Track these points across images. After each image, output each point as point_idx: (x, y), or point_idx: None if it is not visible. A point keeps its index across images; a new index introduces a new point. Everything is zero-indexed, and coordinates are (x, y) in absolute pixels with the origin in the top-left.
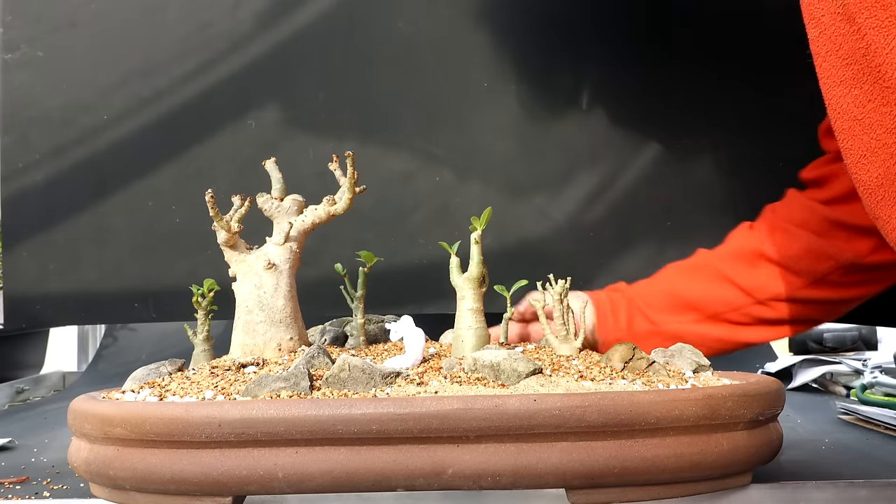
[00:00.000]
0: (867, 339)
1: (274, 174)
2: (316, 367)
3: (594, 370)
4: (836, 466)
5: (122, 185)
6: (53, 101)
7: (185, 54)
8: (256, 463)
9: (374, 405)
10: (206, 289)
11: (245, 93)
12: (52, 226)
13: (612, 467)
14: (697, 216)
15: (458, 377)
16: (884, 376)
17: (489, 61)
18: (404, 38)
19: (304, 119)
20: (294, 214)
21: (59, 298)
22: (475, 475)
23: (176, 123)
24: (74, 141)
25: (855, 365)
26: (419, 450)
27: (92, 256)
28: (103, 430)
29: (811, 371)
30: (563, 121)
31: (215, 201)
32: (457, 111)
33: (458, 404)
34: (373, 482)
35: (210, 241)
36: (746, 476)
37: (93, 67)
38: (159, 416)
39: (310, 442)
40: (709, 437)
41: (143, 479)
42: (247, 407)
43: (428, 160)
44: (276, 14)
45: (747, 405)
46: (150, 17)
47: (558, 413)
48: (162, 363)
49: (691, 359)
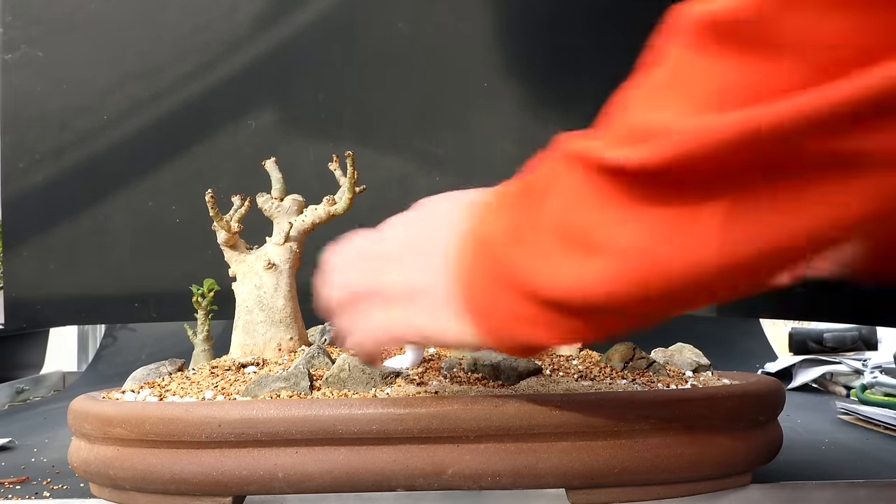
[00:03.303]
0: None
1: (274, 174)
2: (316, 367)
3: (594, 370)
4: (836, 466)
5: (122, 185)
6: (53, 102)
7: (185, 54)
8: (256, 463)
9: (374, 405)
10: (206, 289)
11: (245, 93)
12: (52, 226)
13: (612, 467)
14: None
15: (458, 377)
16: (884, 376)
17: (489, 61)
18: (404, 38)
19: (303, 119)
20: (294, 214)
21: (59, 298)
22: (475, 475)
23: (176, 124)
24: (74, 141)
25: (855, 365)
26: (419, 450)
27: (92, 256)
28: (103, 430)
29: (811, 371)
30: (563, 121)
31: (215, 201)
32: (457, 111)
33: (458, 404)
34: (373, 482)
35: (210, 241)
36: (746, 476)
37: (93, 68)
38: (159, 416)
39: (310, 442)
40: (709, 437)
41: (142, 479)
42: (247, 407)
43: (428, 160)
44: (276, 14)
45: (747, 405)
46: (149, 17)
47: (558, 413)
48: (162, 363)
49: (691, 359)
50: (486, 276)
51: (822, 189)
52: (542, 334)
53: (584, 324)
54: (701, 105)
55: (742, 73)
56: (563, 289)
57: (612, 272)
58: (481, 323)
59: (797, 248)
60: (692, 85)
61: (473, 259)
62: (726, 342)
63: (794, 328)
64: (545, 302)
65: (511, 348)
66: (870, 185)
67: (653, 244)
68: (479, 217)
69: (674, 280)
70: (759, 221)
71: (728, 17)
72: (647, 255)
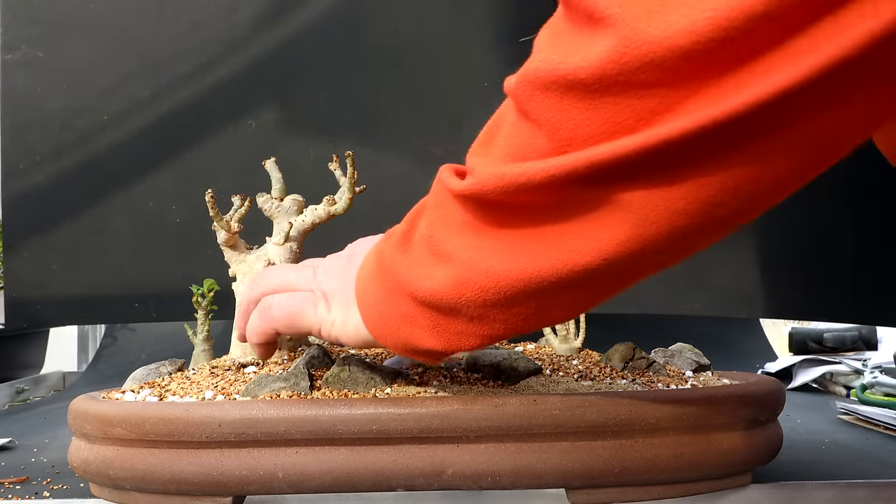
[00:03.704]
0: (867, 339)
1: (274, 174)
2: (316, 367)
3: (594, 370)
4: (835, 466)
5: (122, 185)
6: (53, 102)
7: (185, 54)
8: (256, 463)
9: (374, 405)
10: (206, 289)
11: (245, 93)
12: (52, 226)
13: (612, 467)
14: None
15: (458, 377)
16: (884, 376)
17: (489, 61)
18: (404, 38)
19: (303, 119)
20: (294, 214)
21: (59, 298)
22: (475, 475)
23: (176, 124)
24: (75, 141)
25: (855, 365)
26: (419, 450)
27: (92, 256)
28: (103, 430)
29: (811, 371)
30: None
31: (215, 201)
32: (456, 111)
33: (458, 404)
34: (373, 482)
35: (210, 241)
36: (746, 476)
37: (93, 68)
38: (159, 416)
39: (310, 442)
40: (709, 437)
41: (142, 480)
42: (247, 407)
43: (427, 160)
44: (276, 14)
45: (747, 405)
46: (149, 17)
47: (558, 413)
48: (162, 363)
49: (691, 359)
50: (380, 284)
51: (579, 230)
52: (427, 336)
53: (459, 326)
54: (504, 156)
55: (526, 135)
56: (427, 290)
57: (455, 278)
58: (377, 326)
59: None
60: (503, 138)
61: (371, 270)
62: (726, 342)
63: (794, 328)
64: (421, 302)
65: (404, 350)
66: (619, 228)
67: (487, 258)
68: (384, 237)
69: (504, 290)
70: (539, 250)
71: (512, 92)
72: (482, 266)
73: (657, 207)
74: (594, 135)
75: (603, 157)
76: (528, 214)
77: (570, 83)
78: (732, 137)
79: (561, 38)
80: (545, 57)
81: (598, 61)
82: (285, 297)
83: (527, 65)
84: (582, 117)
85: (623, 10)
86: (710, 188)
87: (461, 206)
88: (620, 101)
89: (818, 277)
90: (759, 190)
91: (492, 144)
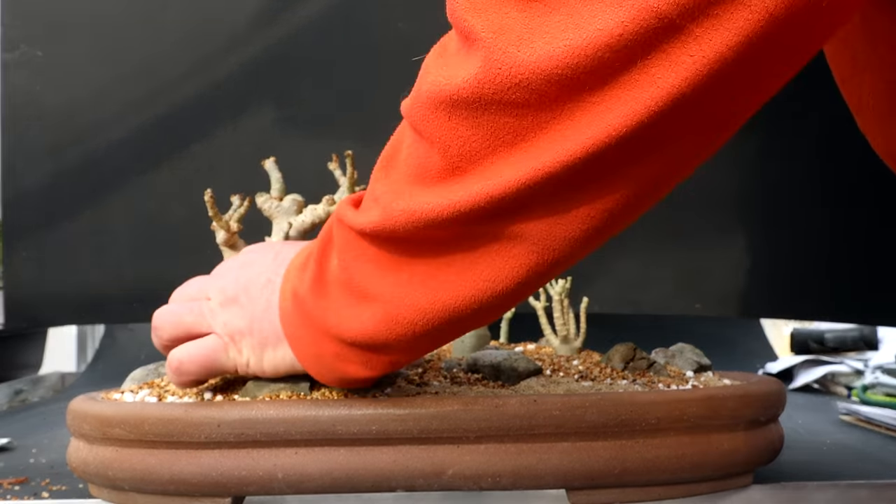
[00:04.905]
0: (868, 340)
1: (273, 174)
2: None
3: (595, 370)
4: (837, 467)
5: (122, 184)
6: (53, 101)
7: (185, 54)
8: (256, 463)
9: (374, 405)
10: None
11: (244, 92)
12: (52, 226)
13: (612, 468)
14: (698, 215)
15: (458, 377)
16: (885, 376)
17: None
18: (404, 38)
19: (303, 118)
20: (293, 214)
21: (58, 298)
22: (475, 476)
23: (175, 123)
24: (74, 141)
25: (856, 365)
26: (419, 450)
27: (92, 256)
28: (102, 431)
29: (812, 371)
30: None
31: (214, 201)
32: None
33: (458, 404)
34: (372, 483)
35: (210, 241)
36: (747, 477)
37: (92, 67)
38: (158, 417)
39: (309, 442)
40: (710, 438)
41: (142, 480)
42: (246, 407)
43: None
44: (276, 13)
45: (748, 406)
46: (149, 16)
47: (559, 413)
48: (161, 363)
49: (692, 359)
50: (305, 328)
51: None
52: (360, 370)
53: (391, 358)
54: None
55: (423, 155)
56: (354, 331)
57: (382, 316)
58: (312, 366)
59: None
60: (402, 160)
61: (292, 315)
62: (727, 342)
63: (796, 328)
64: (351, 344)
65: (340, 383)
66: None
67: (411, 293)
68: (291, 274)
69: (432, 321)
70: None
71: (407, 114)
72: (408, 301)
73: (556, 237)
74: (479, 149)
75: (499, 191)
76: (439, 247)
77: (455, 102)
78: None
79: (447, 57)
80: (433, 78)
81: (475, 80)
82: (192, 352)
83: (417, 85)
84: (468, 134)
85: (496, 36)
86: (603, 210)
87: (370, 244)
88: (499, 119)
89: (818, 277)
90: (642, 200)
91: (392, 167)
